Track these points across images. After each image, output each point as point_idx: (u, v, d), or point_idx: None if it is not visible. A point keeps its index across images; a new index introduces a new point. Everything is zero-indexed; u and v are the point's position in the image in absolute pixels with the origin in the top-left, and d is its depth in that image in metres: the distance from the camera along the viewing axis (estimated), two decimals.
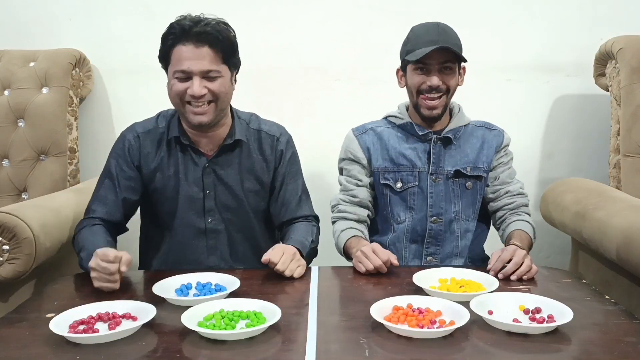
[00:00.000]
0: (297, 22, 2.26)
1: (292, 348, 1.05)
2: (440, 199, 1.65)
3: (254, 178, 1.61)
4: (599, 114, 2.28)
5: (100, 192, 1.58)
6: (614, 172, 2.08)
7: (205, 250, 1.60)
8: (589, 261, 1.88)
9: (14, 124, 2.14)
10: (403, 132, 1.68)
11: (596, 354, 1.03)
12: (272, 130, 1.63)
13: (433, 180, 1.64)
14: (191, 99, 1.46)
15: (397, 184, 1.66)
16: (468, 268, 1.44)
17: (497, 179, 1.70)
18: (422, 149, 1.65)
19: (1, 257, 1.53)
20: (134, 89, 2.29)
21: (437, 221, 1.65)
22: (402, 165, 1.66)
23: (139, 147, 1.56)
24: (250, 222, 1.63)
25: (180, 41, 1.44)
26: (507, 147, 1.72)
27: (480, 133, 1.70)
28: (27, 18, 2.27)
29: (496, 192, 1.70)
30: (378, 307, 1.15)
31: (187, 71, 1.44)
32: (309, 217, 1.67)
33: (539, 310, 1.17)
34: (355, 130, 1.72)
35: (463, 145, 1.67)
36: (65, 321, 1.12)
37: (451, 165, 1.65)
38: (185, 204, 1.57)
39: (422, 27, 1.61)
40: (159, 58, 1.52)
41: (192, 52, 1.44)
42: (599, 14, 2.24)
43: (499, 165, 1.70)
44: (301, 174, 1.69)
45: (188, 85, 1.45)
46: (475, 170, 1.66)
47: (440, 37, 1.55)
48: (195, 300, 1.23)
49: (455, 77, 1.60)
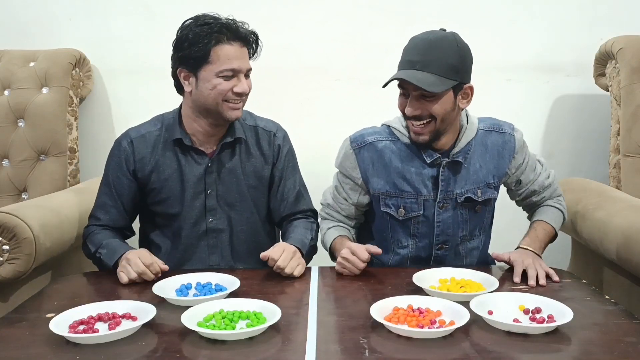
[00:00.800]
0: (297, 22, 2.26)
1: (292, 348, 1.05)
2: (448, 226, 1.53)
3: (255, 174, 1.62)
4: (599, 114, 2.28)
5: (102, 200, 1.61)
6: (614, 172, 2.08)
7: (207, 250, 1.60)
8: (589, 261, 1.88)
9: (14, 124, 2.14)
10: (407, 152, 1.50)
11: (596, 354, 1.03)
12: (268, 126, 1.66)
13: (440, 207, 1.51)
14: (235, 96, 1.49)
15: (399, 211, 1.52)
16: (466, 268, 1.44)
17: (520, 182, 1.61)
18: (428, 175, 1.50)
19: (1, 257, 1.53)
20: (134, 89, 2.29)
21: (443, 247, 1.55)
22: (405, 192, 1.51)
23: (133, 152, 1.58)
24: (252, 218, 1.63)
25: (226, 40, 1.46)
26: (521, 149, 1.56)
27: (490, 140, 1.53)
28: (27, 18, 2.27)
29: (522, 194, 1.64)
30: (378, 307, 1.15)
31: (237, 70, 1.47)
32: (308, 212, 1.68)
33: (539, 310, 1.17)
34: (353, 142, 1.55)
35: (473, 160, 1.51)
36: (65, 321, 1.12)
37: (460, 188, 1.50)
38: (187, 204, 1.58)
39: (413, 40, 1.43)
40: (184, 59, 1.47)
41: (239, 52, 1.48)
42: (599, 14, 2.24)
43: (518, 170, 1.58)
44: (298, 169, 1.70)
45: (234, 84, 1.48)
46: (486, 193, 1.53)
47: (422, 57, 1.37)
48: (195, 300, 1.23)
49: (443, 103, 1.40)
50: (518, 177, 1.60)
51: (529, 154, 1.61)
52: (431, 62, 1.37)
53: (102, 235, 1.55)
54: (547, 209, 1.64)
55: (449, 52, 1.39)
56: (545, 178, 1.64)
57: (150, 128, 1.60)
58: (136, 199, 1.61)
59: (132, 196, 1.60)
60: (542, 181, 1.63)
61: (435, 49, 1.38)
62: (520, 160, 1.57)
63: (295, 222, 1.64)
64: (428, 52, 1.38)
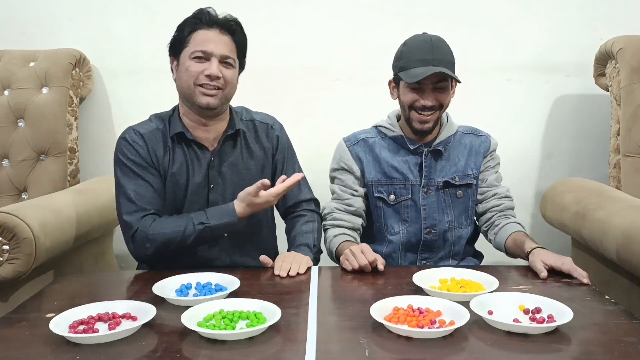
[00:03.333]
0: (297, 22, 2.26)
1: (292, 348, 1.05)
2: (434, 210, 1.66)
3: (255, 168, 1.63)
4: (599, 114, 2.28)
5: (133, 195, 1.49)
6: (614, 172, 2.08)
7: (207, 245, 1.59)
8: (589, 261, 1.88)
9: (14, 124, 2.15)
10: (394, 145, 1.68)
11: (596, 354, 1.03)
12: (265, 119, 1.68)
13: (425, 192, 1.65)
14: (206, 80, 1.49)
15: (390, 197, 1.66)
16: (466, 268, 1.44)
17: (485, 181, 1.71)
18: (413, 162, 1.66)
19: (1, 257, 1.53)
20: (134, 89, 2.29)
21: (431, 232, 1.66)
22: (394, 179, 1.66)
23: (145, 144, 1.53)
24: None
25: (204, 26, 1.49)
26: (494, 152, 1.72)
27: (468, 140, 1.70)
28: (27, 18, 2.27)
29: (484, 193, 1.70)
30: (378, 307, 1.15)
31: (208, 52, 1.48)
32: (310, 202, 1.72)
33: (539, 310, 1.17)
34: (346, 140, 1.72)
35: (452, 154, 1.68)
36: (65, 321, 1.12)
37: (441, 177, 1.66)
38: (191, 199, 1.57)
39: (415, 42, 1.58)
40: (170, 45, 1.54)
41: (215, 36, 1.50)
42: (599, 14, 2.24)
43: (486, 169, 1.71)
44: (296, 158, 1.74)
45: (205, 67, 1.48)
46: (465, 179, 1.67)
47: (435, 55, 1.53)
48: (195, 300, 1.23)
49: (448, 93, 1.59)
50: (485, 177, 1.71)
51: (499, 166, 1.75)
52: (441, 59, 1.54)
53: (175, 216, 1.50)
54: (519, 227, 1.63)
55: (448, 50, 1.58)
56: (507, 191, 1.73)
57: (152, 125, 1.58)
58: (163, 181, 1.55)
59: (159, 177, 1.54)
60: (504, 191, 1.71)
61: (438, 48, 1.55)
62: (491, 163, 1.72)
63: (298, 225, 1.66)
64: (437, 51, 1.55)
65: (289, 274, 1.44)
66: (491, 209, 1.69)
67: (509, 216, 1.68)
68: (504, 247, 1.61)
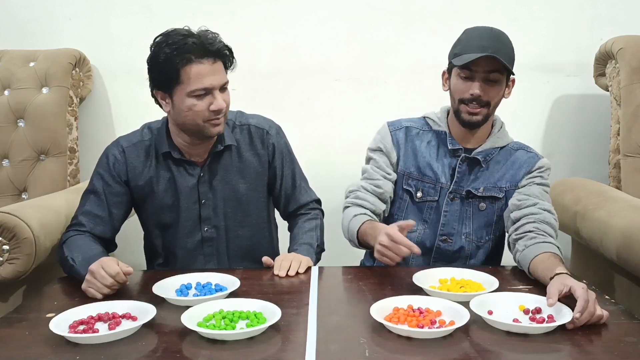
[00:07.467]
0: (297, 22, 2.26)
1: (292, 348, 1.05)
2: (454, 219, 1.59)
3: (249, 176, 1.60)
4: (599, 114, 2.28)
5: (88, 207, 1.53)
6: (614, 172, 2.08)
7: (203, 259, 1.60)
8: (589, 261, 1.88)
9: (14, 124, 2.14)
10: (435, 140, 1.61)
11: (596, 354, 1.04)
12: (260, 124, 1.62)
13: (450, 199, 1.58)
14: (213, 115, 1.44)
15: (417, 193, 1.61)
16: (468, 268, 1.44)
17: (527, 193, 1.54)
18: (448, 165, 1.59)
19: (1, 257, 1.53)
20: (134, 89, 2.29)
21: (447, 241, 1.59)
22: (426, 176, 1.60)
23: (125, 161, 1.54)
24: (248, 221, 1.62)
25: (194, 59, 1.39)
26: (543, 170, 1.57)
27: (516, 156, 1.60)
28: (27, 18, 2.27)
29: (521, 200, 1.52)
30: (378, 307, 1.15)
31: (209, 87, 1.41)
32: (312, 203, 1.71)
33: (539, 310, 1.18)
34: (390, 125, 1.66)
35: (492, 167, 1.58)
36: (65, 321, 1.13)
37: (473, 187, 1.57)
38: (183, 215, 1.56)
39: (474, 31, 1.52)
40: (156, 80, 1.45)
41: (210, 68, 1.41)
42: (599, 14, 2.24)
43: (530, 184, 1.56)
44: (297, 161, 1.70)
45: (209, 101, 1.43)
46: (490, 191, 1.57)
47: (493, 43, 1.46)
48: (195, 300, 1.23)
49: (500, 89, 1.51)
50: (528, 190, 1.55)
51: (548, 185, 1.59)
52: (500, 49, 1.47)
53: (82, 241, 1.46)
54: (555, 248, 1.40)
55: (509, 44, 1.52)
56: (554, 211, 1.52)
57: (141, 137, 1.56)
58: (125, 207, 1.57)
59: (124, 206, 1.56)
60: (549, 206, 1.52)
61: (499, 39, 1.50)
62: (536, 180, 1.56)
63: (300, 222, 1.66)
64: (496, 39, 1.49)
65: (288, 274, 1.44)
66: (528, 215, 1.48)
67: (546, 234, 1.43)
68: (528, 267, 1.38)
